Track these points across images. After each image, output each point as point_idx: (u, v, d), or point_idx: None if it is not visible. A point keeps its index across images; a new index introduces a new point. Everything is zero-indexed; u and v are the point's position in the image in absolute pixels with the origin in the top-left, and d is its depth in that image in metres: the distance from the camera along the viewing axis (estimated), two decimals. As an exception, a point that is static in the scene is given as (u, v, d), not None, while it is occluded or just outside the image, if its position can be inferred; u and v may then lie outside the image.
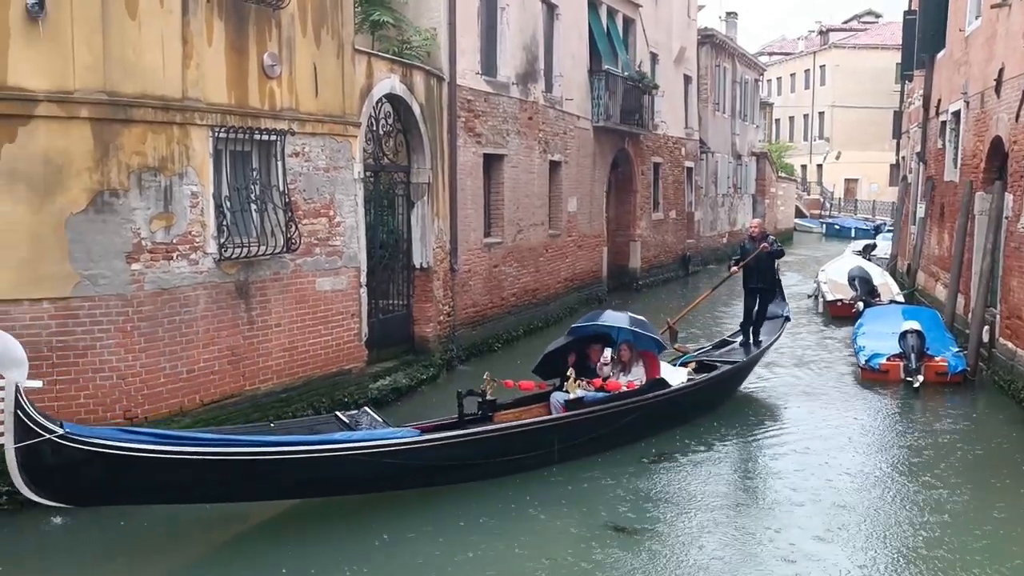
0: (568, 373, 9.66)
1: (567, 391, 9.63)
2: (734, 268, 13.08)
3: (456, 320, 14.30)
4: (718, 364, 11.82)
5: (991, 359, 13.35)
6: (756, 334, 12.90)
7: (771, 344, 13.04)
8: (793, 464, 9.68)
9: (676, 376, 10.66)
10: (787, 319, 13.63)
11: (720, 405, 11.50)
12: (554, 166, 18.56)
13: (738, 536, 7.75)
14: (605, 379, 9.95)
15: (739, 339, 13.11)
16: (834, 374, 14.16)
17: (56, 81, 7.92)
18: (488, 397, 9.42)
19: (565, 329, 18.00)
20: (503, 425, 9.10)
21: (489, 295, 15.62)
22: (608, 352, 10.35)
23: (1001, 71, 13.66)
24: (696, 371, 11.46)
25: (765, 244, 12.69)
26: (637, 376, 10.12)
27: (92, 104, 8.07)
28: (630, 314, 10.55)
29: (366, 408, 8.77)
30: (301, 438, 7.67)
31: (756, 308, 12.92)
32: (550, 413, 9.68)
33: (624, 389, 9.89)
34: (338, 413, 8.57)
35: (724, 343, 13.21)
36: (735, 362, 11.97)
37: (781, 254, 13.13)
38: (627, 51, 22.93)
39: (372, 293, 12.06)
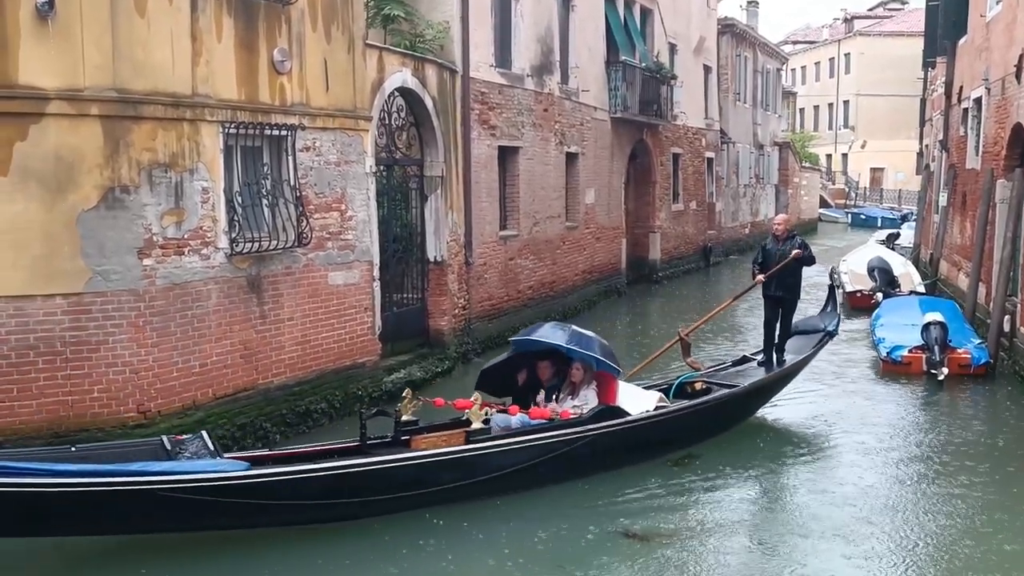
0: (474, 398, 8.32)
1: (470, 419, 8.26)
2: (760, 276, 10.80)
3: (471, 313, 14.33)
4: (720, 387, 10.16)
5: (1012, 349, 13.19)
6: (780, 351, 10.94)
7: (799, 365, 10.91)
8: (816, 465, 9.44)
9: (641, 402, 9.05)
10: (830, 334, 11.10)
11: (718, 434, 9.83)
12: (571, 158, 18.52)
13: (758, 546, 7.52)
14: (542, 405, 8.70)
15: (761, 356, 11.18)
16: (854, 367, 13.99)
17: (66, 79, 7.99)
18: (406, 417, 8.27)
19: (583, 321, 18.23)
20: (359, 462, 7.64)
21: (505, 288, 15.62)
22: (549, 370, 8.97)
23: (1021, 57, 13.46)
24: (698, 393, 10.01)
25: (797, 251, 10.58)
26: (585, 401, 8.66)
27: (102, 102, 8.14)
28: (574, 329, 8.91)
29: (202, 433, 7.64)
30: (75, 468, 6.63)
31: (778, 320, 10.94)
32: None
33: (556, 417, 8.47)
34: (164, 438, 7.55)
35: (744, 360, 11.29)
36: (733, 386, 10.12)
37: (812, 261, 10.91)
38: (645, 42, 22.83)
39: (386, 287, 12.11)
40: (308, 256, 10.36)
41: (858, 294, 19.21)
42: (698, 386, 10.18)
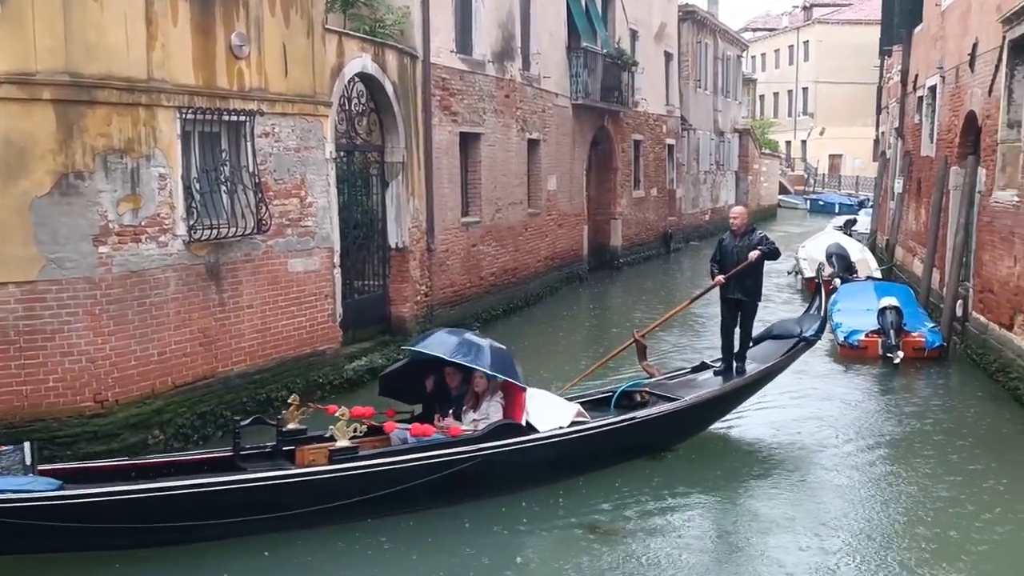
0: (340, 413, 7.42)
1: (335, 437, 7.39)
2: (719, 277, 9.67)
3: (434, 300, 14.30)
4: (663, 399, 9.12)
5: (964, 333, 13.46)
6: (740, 359, 9.79)
7: (762, 375, 9.66)
8: (770, 447, 9.50)
9: (556, 417, 8.09)
10: (806, 340, 9.76)
11: (657, 452, 8.94)
12: (532, 144, 18.52)
13: (715, 531, 7.58)
14: (440, 418, 8.04)
15: (720, 364, 10.06)
16: (812, 351, 14.04)
17: (17, 63, 7.83)
18: (292, 426, 7.44)
19: (546, 308, 18.33)
20: (175, 484, 6.78)
21: (467, 274, 15.62)
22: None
23: (975, 45, 13.69)
24: (638, 405, 9.13)
25: (756, 251, 9.41)
26: (486, 415, 7.88)
27: (55, 86, 7.98)
28: (466, 336, 8.08)
29: (24, 445, 6.71)
30: None
31: (736, 325, 9.87)
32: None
33: (440, 436, 7.65)
34: None
35: (703, 367, 10.16)
36: (675, 399, 9.06)
37: (775, 255, 9.65)
38: (606, 28, 22.85)
39: (347, 274, 12.04)
40: (268, 243, 10.27)
41: (816, 279, 19.42)
42: (640, 397, 9.28)
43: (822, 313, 10.12)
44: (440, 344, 7.95)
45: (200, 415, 9.26)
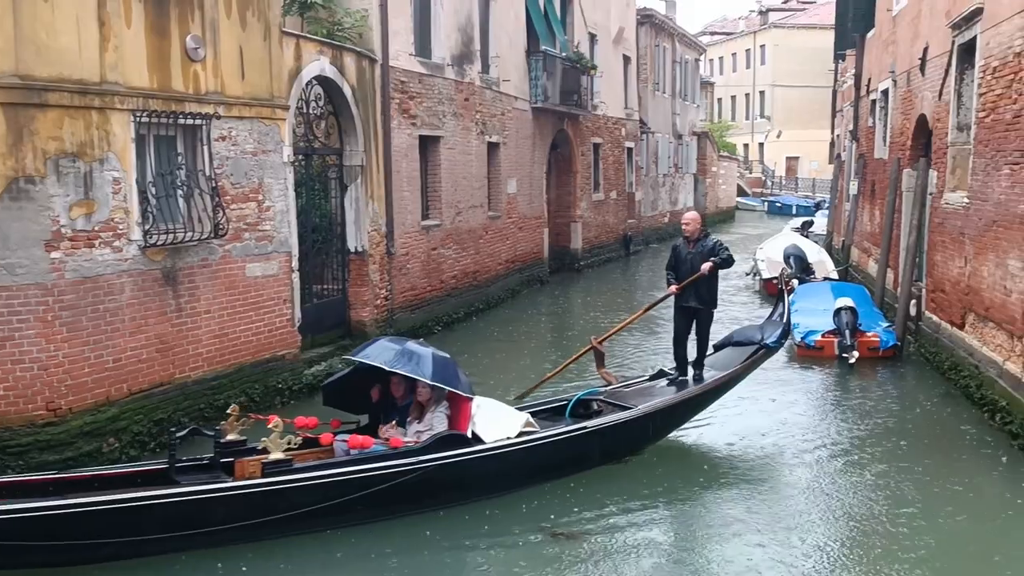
0: (274, 425, 7.14)
1: (268, 449, 7.13)
2: (673, 287, 9.51)
3: (394, 304, 14.25)
4: (617, 408, 8.90)
5: (918, 332, 13.70)
6: (698, 366, 9.67)
7: (720, 384, 9.41)
8: (730, 450, 9.51)
9: (504, 427, 7.91)
10: (766, 347, 9.57)
11: (611, 461, 8.67)
12: (492, 148, 18.53)
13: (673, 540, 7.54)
14: (385, 428, 7.80)
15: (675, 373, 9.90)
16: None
17: (-35, 65, 7.69)
18: (232, 437, 7.15)
19: (507, 311, 18.34)
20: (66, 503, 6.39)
21: (428, 278, 15.58)
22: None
23: (925, 50, 13.96)
24: (591, 414, 8.89)
25: (709, 263, 9.26)
26: (430, 426, 7.66)
27: (4, 88, 7.83)
28: (407, 345, 7.79)
29: None
30: None
31: (690, 333, 9.76)
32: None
33: (379, 448, 7.45)
34: None
35: (661, 374, 10.00)
36: (628, 407, 8.80)
37: (729, 263, 9.43)
38: (565, 32, 22.94)
39: (305, 278, 11.96)
40: (225, 248, 10.16)
41: (774, 281, 19.64)
42: (596, 405, 9.06)
43: (784, 320, 9.93)
44: (380, 353, 7.68)
45: (157, 422, 9.13)
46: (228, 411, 7.36)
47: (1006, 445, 9.36)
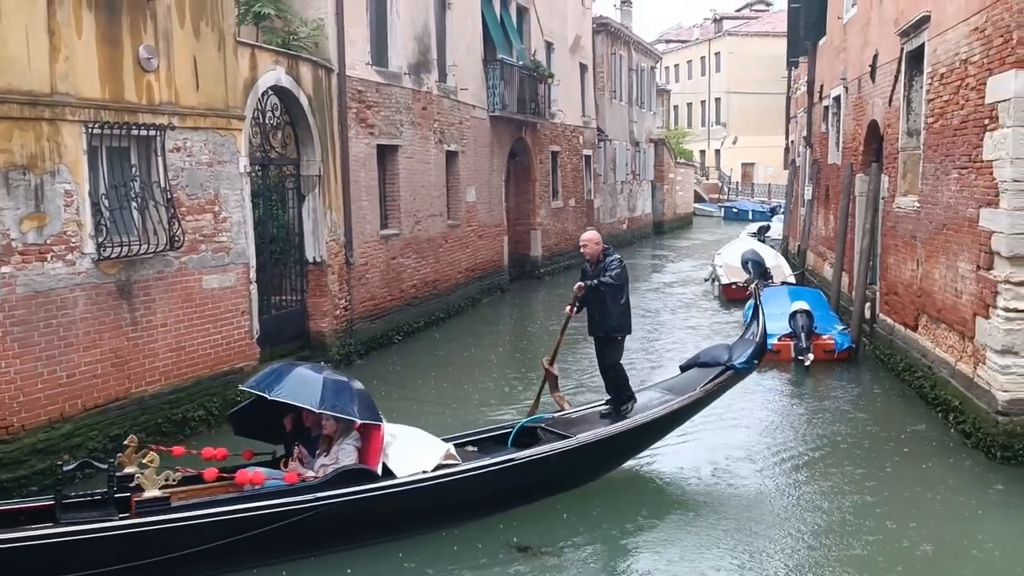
0: (149, 459, 6.47)
1: (142, 486, 6.46)
2: (568, 309, 8.71)
3: (354, 314, 14.18)
4: (557, 437, 8.16)
5: (873, 334, 13.92)
6: (614, 403, 8.71)
7: (670, 413, 8.49)
8: (683, 457, 9.32)
9: (421, 460, 7.25)
10: (734, 369, 8.62)
11: (551, 495, 8.01)
12: (451, 156, 18.53)
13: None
14: (296, 460, 7.26)
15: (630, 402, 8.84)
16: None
17: (-90, 77, 7.53)
18: (130, 470, 6.53)
19: (468, 319, 18.32)
20: None
21: (388, 287, 15.52)
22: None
23: (875, 57, 14.22)
24: (532, 444, 8.15)
25: (579, 286, 8.47)
26: (335, 459, 7.07)
27: (-49, 100, 7.70)
28: (300, 371, 7.29)
29: None
30: None
31: (601, 363, 8.80)
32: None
33: (278, 483, 6.87)
34: None
35: None
36: (567, 436, 8.10)
37: (607, 285, 8.33)
38: (522, 40, 23.04)
39: (263, 289, 11.86)
40: (181, 260, 10.05)
41: (733, 286, 19.88)
42: (539, 434, 8.36)
43: (759, 339, 8.82)
44: (269, 382, 7.07)
45: (113, 438, 8.97)
46: (126, 442, 6.77)
47: (959, 444, 9.54)
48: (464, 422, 10.06)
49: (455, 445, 7.88)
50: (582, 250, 8.81)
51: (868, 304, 14.07)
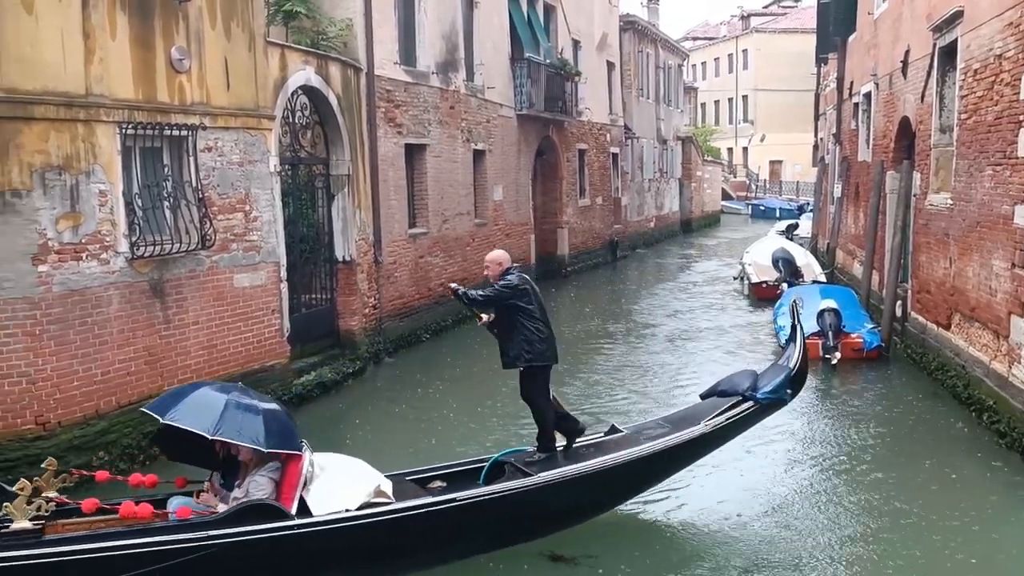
0: (20, 487, 5.71)
1: (11, 517, 5.68)
2: (482, 318, 7.46)
3: (382, 312, 14.24)
4: (525, 474, 6.99)
5: (904, 333, 13.78)
6: (542, 439, 7.40)
7: (659, 451, 7.29)
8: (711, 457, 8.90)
9: (345, 496, 6.27)
10: (755, 401, 7.42)
11: (508, 544, 6.97)
12: (478, 155, 18.56)
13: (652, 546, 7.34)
14: (210, 490, 6.47)
15: (600, 435, 7.91)
16: (755, 355, 14.35)
17: (-51, 79, 7.66)
18: (49, 494, 5.86)
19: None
20: None
21: (416, 286, 15.58)
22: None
23: (907, 53, 14.07)
24: (503, 479, 6.97)
25: (485, 317, 7.39)
26: (246, 492, 6.12)
27: (-11, 102, 7.83)
28: (203, 391, 6.36)
29: None
30: None
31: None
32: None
33: (169, 517, 6.03)
34: None
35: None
36: (529, 474, 6.93)
37: (482, 301, 7.31)
38: (548, 38, 23.01)
39: (293, 288, 11.95)
40: (212, 258, 10.14)
41: (764, 285, 19.75)
42: (505, 469, 7.16)
43: (792, 365, 7.59)
44: (167, 403, 6.28)
45: (146, 435, 9.07)
46: (44, 464, 6.05)
47: (993, 444, 9.42)
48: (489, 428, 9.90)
49: (428, 477, 7.13)
50: (485, 272, 7.52)
51: (899, 302, 13.92)
